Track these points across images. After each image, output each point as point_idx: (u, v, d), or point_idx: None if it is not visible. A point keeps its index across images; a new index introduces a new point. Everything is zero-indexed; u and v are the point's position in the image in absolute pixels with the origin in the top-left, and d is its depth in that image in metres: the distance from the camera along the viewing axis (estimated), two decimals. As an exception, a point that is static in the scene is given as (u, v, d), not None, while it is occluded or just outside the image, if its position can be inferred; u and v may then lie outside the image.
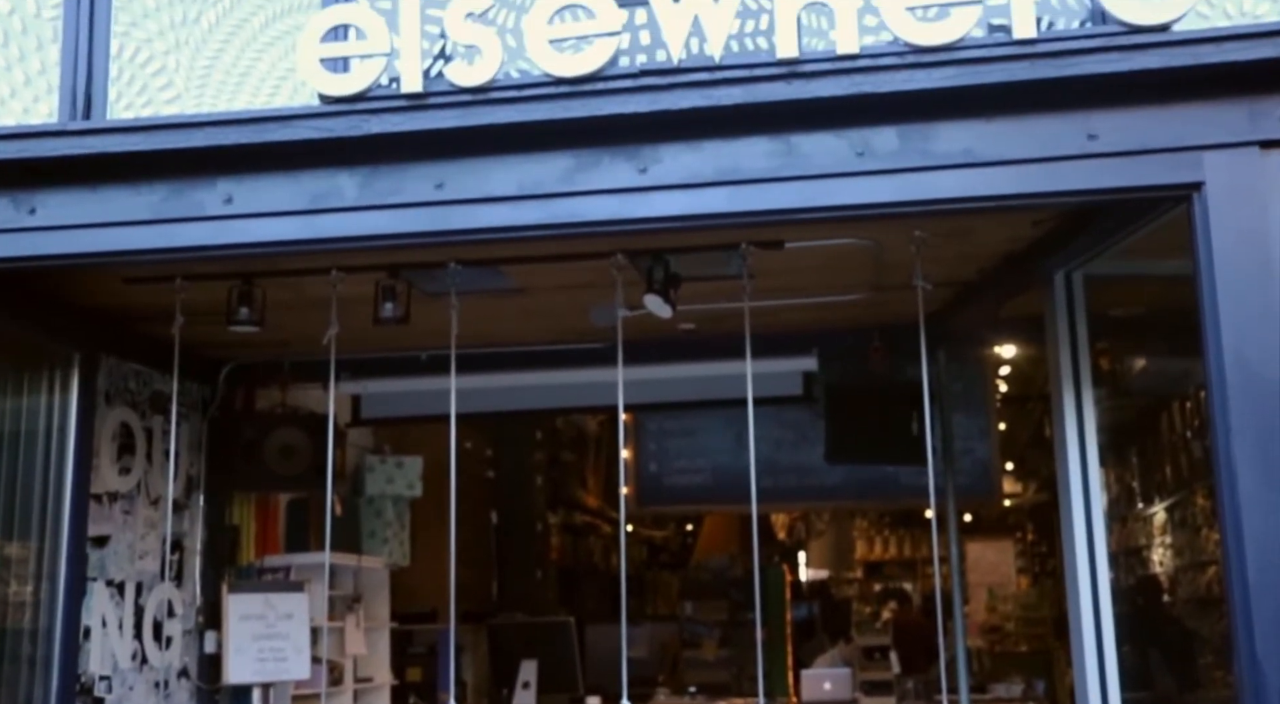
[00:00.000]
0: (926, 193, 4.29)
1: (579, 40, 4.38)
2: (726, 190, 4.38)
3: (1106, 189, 4.19)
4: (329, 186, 4.55)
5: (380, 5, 4.70)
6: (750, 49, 4.49)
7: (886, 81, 4.22)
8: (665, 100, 4.33)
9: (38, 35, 4.91)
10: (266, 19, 4.80)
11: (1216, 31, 4.06)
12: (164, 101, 4.80)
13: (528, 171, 4.46)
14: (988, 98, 4.20)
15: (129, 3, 4.89)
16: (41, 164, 4.56)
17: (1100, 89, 4.12)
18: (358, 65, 4.49)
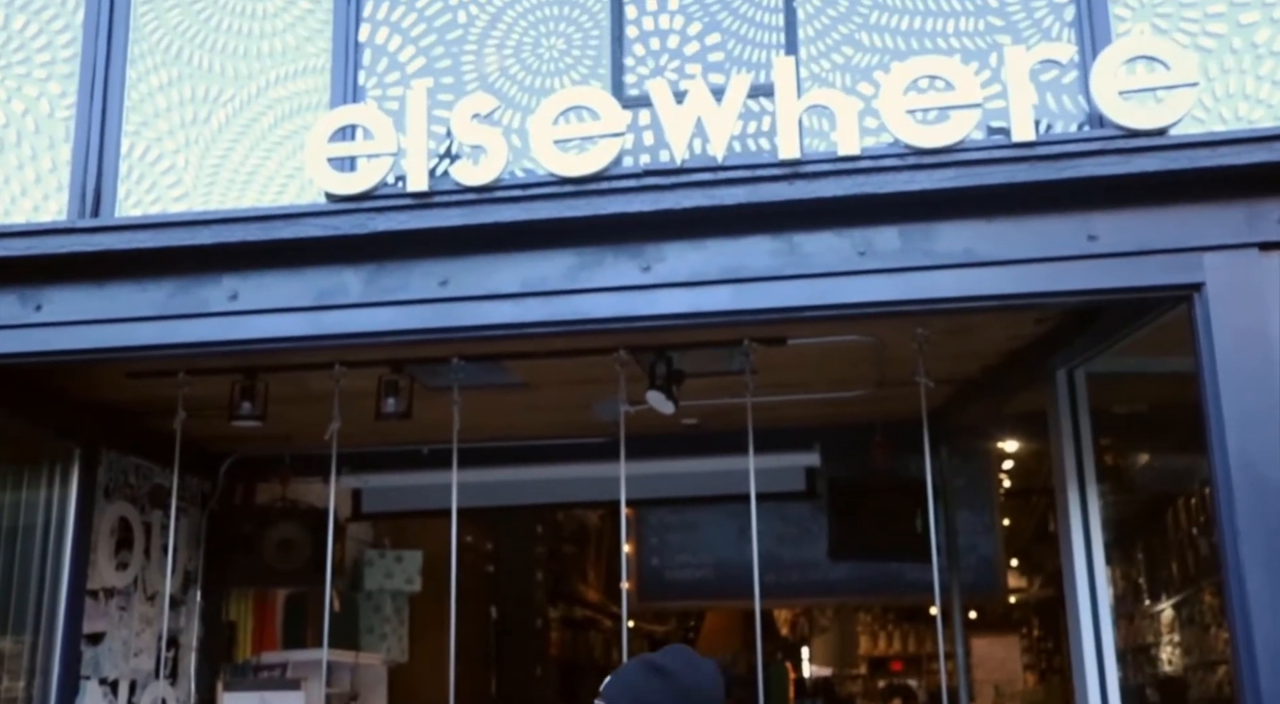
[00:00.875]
0: (928, 292, 4.31)
1: (583, 141, 4.44)
2: (730, 288, 4.40)
3: (1107, 289, 4.21)
4: (334, 283, 4.57)
5: (388, 106, 4.78)
6: (753, 149, 4.55)
7: (888, 182, 4.27)
8: (669, 200, 4.38)
9: (50, 135, 4.98)
10: (276, 119, 4.87)
11: (1213, 136, 4.12)
12: (172, 199, 4.84)
13: (532, 269, 4.49)
14: (988, 198, 4.24)
15: (141, 103, 4.96)
16: (49, 261, 4.60)
17: (1100, 191, 4.16)
18: (365, 164, 4.55)
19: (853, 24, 4.65)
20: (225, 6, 5.02)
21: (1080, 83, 4.39)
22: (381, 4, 4.91)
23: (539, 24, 4.83)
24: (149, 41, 5.02)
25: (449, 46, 4.86)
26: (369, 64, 4.87)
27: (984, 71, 4.49)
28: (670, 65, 4.72)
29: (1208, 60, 4.38)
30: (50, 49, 5.06)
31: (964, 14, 4.59)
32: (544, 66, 4.80)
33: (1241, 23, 4.41)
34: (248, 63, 4.96)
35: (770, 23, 4.71)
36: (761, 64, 4.66)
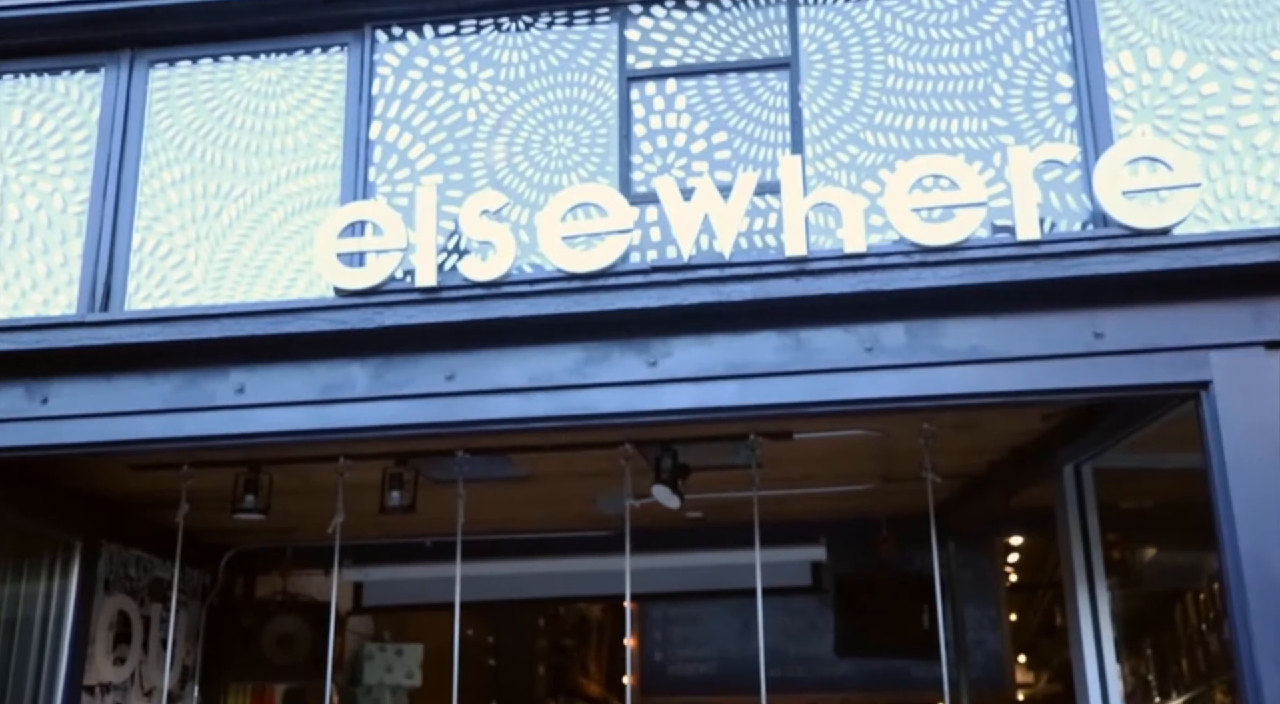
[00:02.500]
0: (935, 388, 4.31)
1: (591, 237, 4.47)
2: (736, 384, 4.40)
3: (1114, 387, 4.21)
4: (341, 377, 4.57)
5: (397, 201, 4.83)
6: (759, 246, 4.58)
7: (894, 279, 4.29)
8: (676, 296, 4.40)
9: (62, 229, 5.03)
10: (286, 214, 4.92)
11: (1216, 235, 4.15)
12: (182, 293, 4.87)
13: (538, 364, 4.49)
14: (994, 296, 4.26)
15: (153, 198, 5.02)
16: (57, 354, 4.61)
17: (1105, 289, 4.18)
18: (373, 259, 4.58)
19: (858, 123, 4.72)
20: (239, 104, 5.10)
21: (1084, 182, 4.44)
22: (393, 102, 4.99)
23: (548, 122, 4.90)
24: (163, 138, 5.09)
25: (458, 144, 4.93)
26: (379, 160, 4.93)
27: (988, 170, 4.54)
28: (677, 163, 4.78)
29: (1209, 161, 4.44)
30: (65, 146, 5.13)
31: (968, 114, 4.65)
32: (552, 163, 4.85)
33: (1241, 125, 4.48)
34: (260, 159, 5.02)
35: (776, 122, 4.78)
36: (768, 162, 4.71)
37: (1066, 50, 4.64)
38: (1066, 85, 4.61)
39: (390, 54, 5.04)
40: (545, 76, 4.96)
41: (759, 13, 4.91)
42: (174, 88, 5.15)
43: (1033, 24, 4.71)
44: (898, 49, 4.77)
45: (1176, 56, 4.59)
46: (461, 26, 5.04)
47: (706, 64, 4.89)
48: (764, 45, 4.87)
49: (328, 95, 5.05)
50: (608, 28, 4.97)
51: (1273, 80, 4.50)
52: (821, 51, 4.82)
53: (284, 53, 5.11)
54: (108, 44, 5.12)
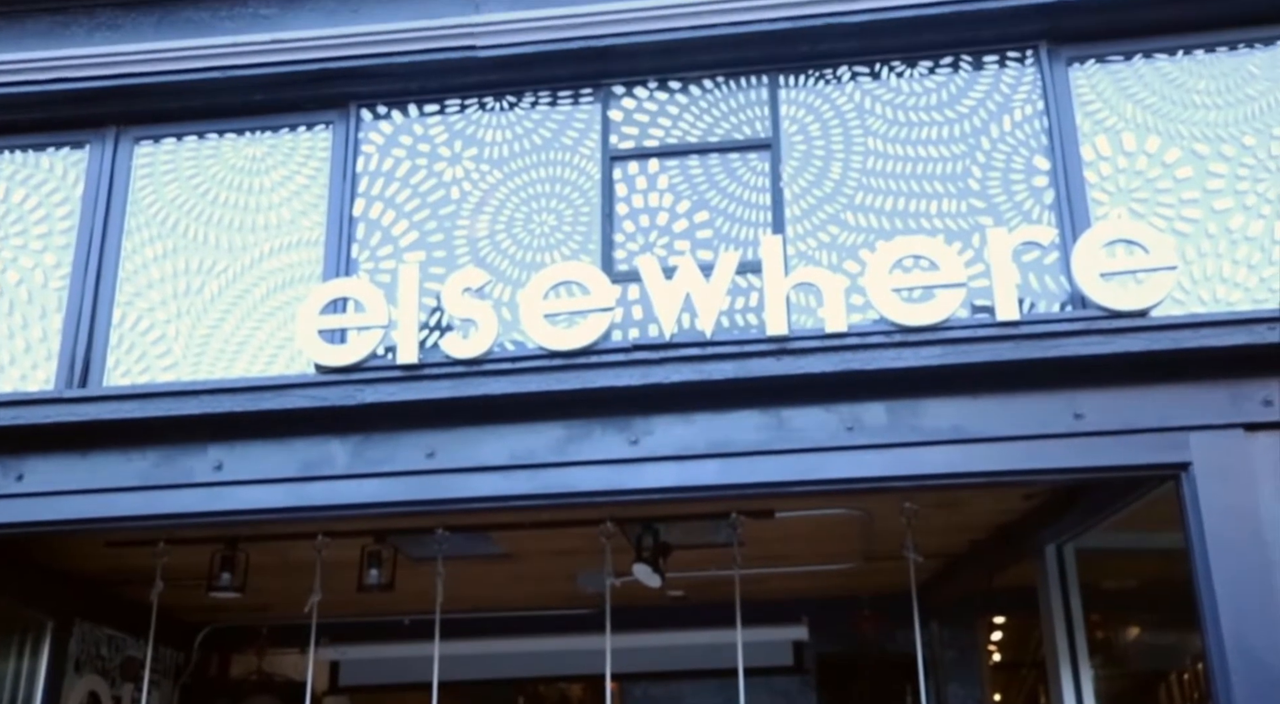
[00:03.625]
0: (916, 468, 4.30)
1: (573, 315, 4.47)
2: (717, 463, 4.39)
3: (1094, 468, 4.22)
4: (320, 454, 4.54)
5: (380, 278, 4.83)
6: (741, 325, 4.60)
7: (875, 359, 4.31)
8: (657, 374, 4.40)
9: (43, 304, 5.01)
10: (268, 290, 4.92)
11: (1194, 317, 4.19)
12: (161, 369, 4.85)
13: (519, 442, 4.47)
14: (975, 376, 4.27)
15: (135, 274, 5.02)
16: (34, 430, 4.57)
17: (1084, 370, 4.20)
18: (355, 336, 4.57)
19: (838, 204, 4.76)
20: (223, 180, 5.12)
21: (1062, 264, 4.48)
22: (377, 180, 5.02)
23: (531, 200, 4.93)
24: (146, 213, 5.10)
25: (441, 221, 4.95)
26: (362, 237, 4.94)
27: (967, 251, 4.58)
28: (660, 241, 4.81)
29: (1185, 244, 4.49)
30: (48, 221, 5.14)
31: (947, 196, 4.70)
32: (535, 241, 4.88)
33: (1216, 208, 4.54)
34: (243, 235, 5.03)
35: (758, 201, 4.82)
36: (749, 241, 4.74)
37: (1043, 134, 4.70)
38: (1044, 168, 4.67)
39: (375, 132, 5.08)
40: (529, 155, 5.00)
41: (740, 94, 4.98)
42: (158, 164, 5.17)
43: (1009, 108, 4.78)
44: (877, 131, 4.84)
45: (1151, 141, 4.66)
46: (446, 106, 5.09)
47: (689, 144, 4.94)
48: (745, 126, 4.93)
49: (312, 172, 5.07)
50: (591, 108, 5.02)
51: (1245, 165, 4.58)
52: (802, 132, 4.88)
53: (269, 130, 5.14)
54: (94, 121, 5.15)
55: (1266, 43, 4.68)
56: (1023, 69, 4.81)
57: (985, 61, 4.85)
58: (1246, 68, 4.69)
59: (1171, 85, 4.72)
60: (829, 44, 4.86)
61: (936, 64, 4.87)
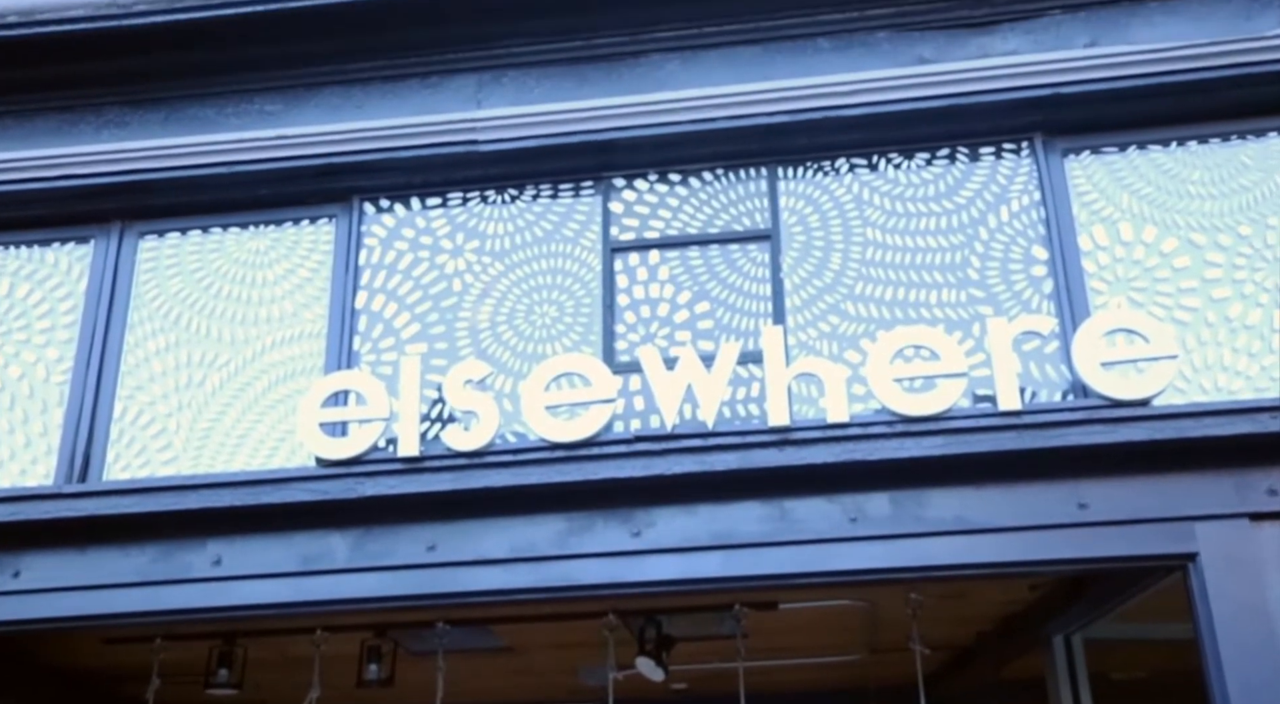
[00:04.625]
0: (920, 559, 4.27)
1: (574, 406, 4.48)
2: (720, 555, 4.36)
3: (1100, 558, 4.19)
4: (321, 548, 4.52)
5: (381, 370, 4.84)
6: (743, 415, 4.60)
7: (877, 449, 4.30)
8: (659, 465, 4.39)
9: (44, 399, 5.02)
10: (270, 383, 4.93)
11: (1196, 406, 4.19)
12: (161, 462, 4.84)
13: (521, 534, 4.45)
14: (978, 466, 4.26)
15: (136, 367, 5.03)
16: (32, 527, 4.55)
17: (1088, 459, 4.19)
18: (356, 429, 4.57)
19: (839, 294, 4.79)
20: (226, 274, 5.15)
21: (1062, 353, 4.49)
22: (379, 272, 5.05)
23: (532, 292, 4.96)
24: (149, 307, 5.13)
25: (443, 313, 4.97)
26: (364, 330, 4.96)
27: (967, 341, 4.59)
28: (661, 332, 4.82)
29: (1185, 332, 4.50)
30: (52, 316, 5.16)
31: (946, 286, 4.73)
32: (536, 332, 4.89)
33: (1214, 297, 4.56)
34: (245, 328, 5.05)
35: (758, 292, 4.84)
36: (750, 332, 4.76)
37: (1041, 224, 4.74)
38: (1042, 258, 4.70)
39: (377, 225, 5.13)
40: (530, 247, 5.04)
41: (740, 186, 5.03)
42: (162, 258, 5.21)
43: (1006, 198, 4.83)
44: (876, 222, 4.88)
45: (1148, 230, 4.70)
46: (448, 199, 5.14)
47: (689, 235, 4.98)
48: (745, 217, 4.98)
49: (315, 265, 5.11)
50: (592, 200, 5.07)
51: (1242, 254, 4.61)
52: (801, 224, 4.92)
53: (273, 224, 5.19)
54: (99, 216, 5.20)
55: (1258, 134, 4.74)
56: (1019, 160, 4.87)
57: (981, 153, 4.90)
58: (1239, 158, 4.74)
59: (1166, 176, 4.77)
60: (826, 137, 4.92)
61: (933, 156, 4.93)
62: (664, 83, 5.01)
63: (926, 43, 4.91)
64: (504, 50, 5.10)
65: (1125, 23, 4.78)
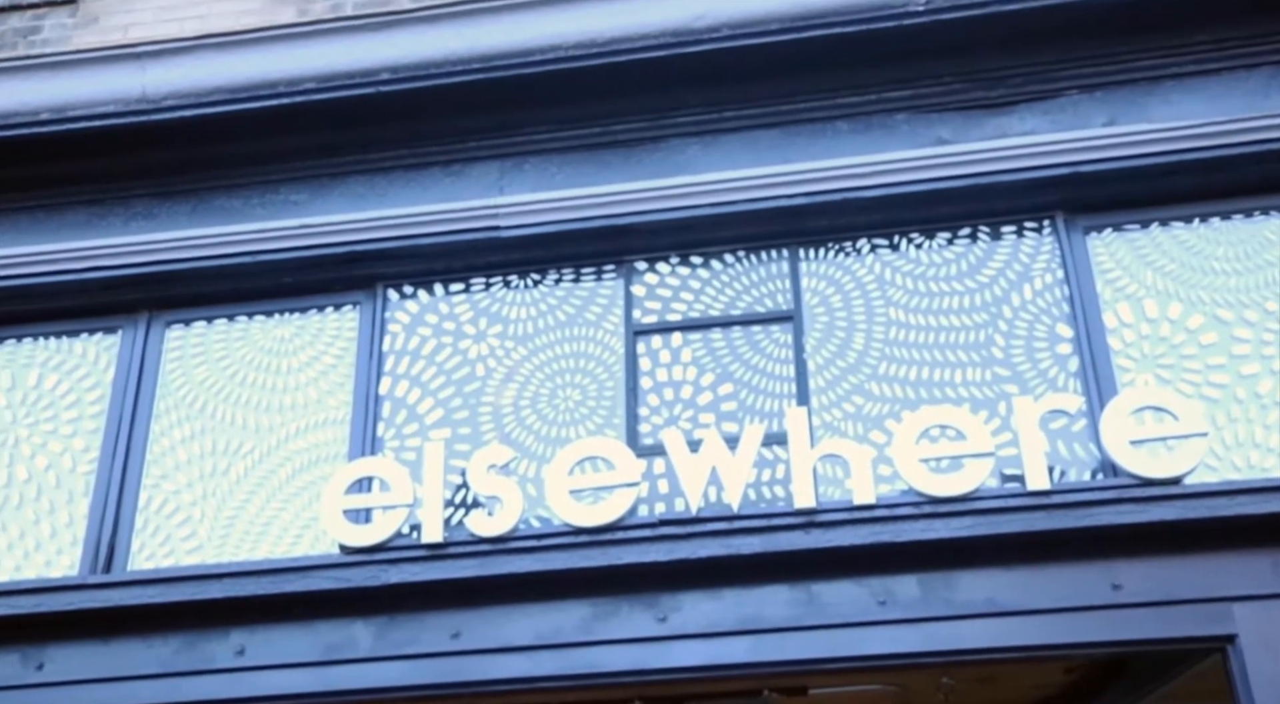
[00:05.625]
0: (951, 643, 4.20)
1: (598, 490, 4.47)
2: (748, 640, 4.31)
3: (1135, 641, 4.11)
4: (344, 637, 4.48)
5: (405, 456, 4.84)
6: (768, 497, 4.56)
7: (905, 531, 4.26)
8: (684, 549, 4.36)
9: (70, 489, 5.03)
10: (294, 470, 4.93)
11: (1229, 484, 4.14)
12: (186, 552, 4.84)
13: (545, 621, 4.41)
14: (1008, 547, 4.21)
15: (162, 456, 5.04)
16: (56, 618, 4.54)
17: (1120, 539, 4.13)
18: (380, 516, 4.56)
19: (862, 374, 4.77)
20: (251, 362, 5.18)
21: (1090, 431, 4.44)
22: (403, 358, 5.07)
23: (555, 376, 4.96)
24: (175, 396, 5.16)
25: (467, 398, 4.97)
26: (388, 416, 4.97)
27: (994, 420, 4.55)
28: (684, 415, 4.81)
29: (1214, 409, 4.45)
30: (78, 406, 5.20)
31: (970, 365, 4.70)
32: (560, 416, 4.89)
33: (1243, 374, 4.52)
34: (269, 415, 5.07)
35: (782, 373, 4.83)
36: (774, 413, 4.74)
37: (1065, 302, 4.73)
38: (1067, 336, 4.68)
39: (401, 312, 5.16)
40: (553, 331, 5.06)
41: (761, 268, 5.04)
42: (189, 347, 5.25)
43: (1030, 277, 4.82)
44: (899, 301, 4.87)
45: (1173, 307, 4.67)
46: (471, 284, 5.17)
47: (711, 318, 4.98)
48: (767, 299, 4.98)
49: (339, 352, 5.13)
50: (614, 283, 5.09)
51: (1270, 330, 4.57)
52: (824, 304, 4.92)
53: (298, 312, 5.23)
54: (127, 307, 5.25)
55: (1280, 210, 4.74)
56: (1040, 238, 4.87)
57: (1003, 232, 4.91)
58: (1263, 234, 4.73)
59: (1190, 252, 4.76)
60: (847, 218, 4.94)
61: (955, 235, 4.94)
62: (684, 166, 5.05)
63: (945, 124, 4.94)
64: (525, 137, 5.16)
65: (1143, 101, 4.80)
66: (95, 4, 5.74)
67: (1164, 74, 4.81)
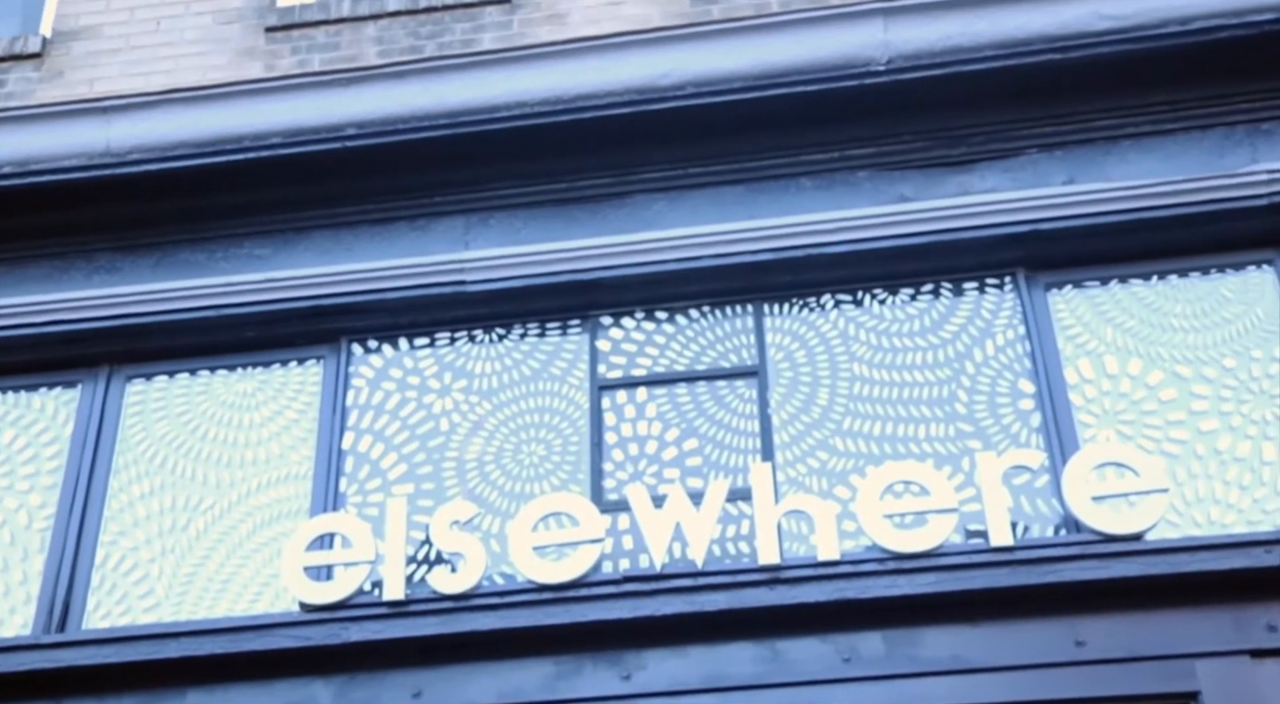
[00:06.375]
0: (916, 700, 4.18)
1: (562, 547, 4.44)
2: (713, 698, 4.27)
3: (1100, 698, 4.09)
4: (303, 696, 4.42)
5: (367, 512, 4.80)
6: (732, 553, 4.55)
7: (869, 587, 4.25)
8: (648, 606, 4.33)
9: (25, 546, 4.95)
10: (254, 526, 4.88)
11: (1190, 541, 4.16)
12: (143, 610, 4.76)
13: (508, 679, 4.36)
14: (972, 603, 4.21)
15: (120, 512, 4.97)
16: (8, 678, 4.44)
17: (1083, 595, 4.14)
18: (341, 572, 4.52)
19: (826, 429, 4.78)
20: (213, 416, 5.14)
21: (1053, 487, 4.46)
22: (366, 413, 5.04)
23: (520, 430, 4.95)
24: (134, 451, 5.10)
25: (430, 453, 4.94)
26: (351, 471, 4.93)
27: (957, 475, 4.56)
28: (649, 470, 4.80)
29: (1175, 465, 4.48)
30: (35, 461, 5.13)
31: (934, 420, 4.72)
32: (524, 471, 4.86)
33: (1202, 430, 4.55)
34: (231, 470, 5.02)
35: (746, 428, 4.83)
36: (739, 468, 4.73)
37: (1026, 357, 4.76)
38: (1029, 391, 4.71)
39: (365, 366, 5.14)
40: (518, 386, 5.04)
41: (726, 323, 5.06)
42: (149, 401, 5.20)
43: (992, 333, 4.86)
44: (862, 357, 4.90)
45: (1133, 363, 4.72)
46: (436, 338, 5.16)
47: (676, 372, 4.99)
48: (732, 354, 4.99)
49: (302, 406, 5.10)
50: (579, 338, 5.10)
51: (1228, 386, 4.62)
52: (788, 359, 4.94)
53: (261, 366, 5.19)
54: (88, 361, 5.20)
55: (1237, 268, 4.79)
56: (1002, 295, 4.91)
57: (965, 288, 4.95)
58: (1220, 292, 4.79)
59: (1149, 309, 4.81)
60: (811, 273, 4.97)
61: (917, 291, 4.98)
62: (650, 222, 5.08)
63: (907, 181, 5.00)
64: (491, 192, 5.18)
65: (1101, 161, 4.87)
66: (61, 58, 5.75)
67: (1121, 134, 4.89)
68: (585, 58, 5.11)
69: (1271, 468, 4.43)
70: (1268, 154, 4.74)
